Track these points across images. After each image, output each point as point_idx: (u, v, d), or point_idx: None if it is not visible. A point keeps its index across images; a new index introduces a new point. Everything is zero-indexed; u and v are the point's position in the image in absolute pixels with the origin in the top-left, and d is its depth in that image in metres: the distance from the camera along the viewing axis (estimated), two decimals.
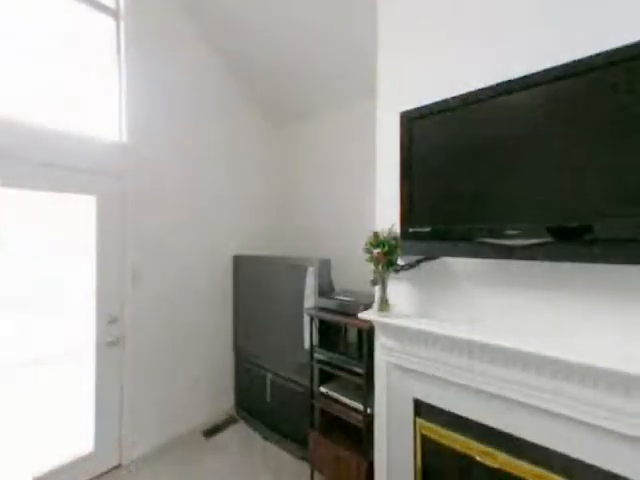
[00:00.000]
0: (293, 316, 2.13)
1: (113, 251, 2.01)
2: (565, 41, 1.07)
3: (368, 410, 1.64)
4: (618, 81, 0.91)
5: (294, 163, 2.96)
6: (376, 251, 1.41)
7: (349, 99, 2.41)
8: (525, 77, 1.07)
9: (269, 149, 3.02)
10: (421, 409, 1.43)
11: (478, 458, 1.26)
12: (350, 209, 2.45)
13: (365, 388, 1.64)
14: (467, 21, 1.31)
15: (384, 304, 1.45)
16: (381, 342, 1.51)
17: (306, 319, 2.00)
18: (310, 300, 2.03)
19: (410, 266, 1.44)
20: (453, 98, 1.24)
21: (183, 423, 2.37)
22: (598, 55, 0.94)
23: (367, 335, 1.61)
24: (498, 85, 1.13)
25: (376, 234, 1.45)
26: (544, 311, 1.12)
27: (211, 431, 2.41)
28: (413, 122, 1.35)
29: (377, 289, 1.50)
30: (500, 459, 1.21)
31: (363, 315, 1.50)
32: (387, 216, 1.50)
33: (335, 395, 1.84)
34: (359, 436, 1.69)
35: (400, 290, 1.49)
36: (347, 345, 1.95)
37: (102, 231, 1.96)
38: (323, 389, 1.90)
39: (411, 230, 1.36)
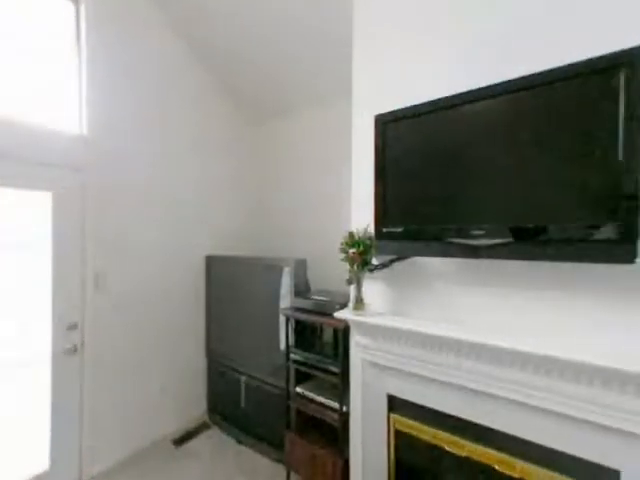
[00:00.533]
0: (268, 317, 2.10)
1: (72, 250, 1.86)
2: (541, 50, 1.11)
3: (344, 408, 1.65)
4: (571, 95, 0.99)
5: (270, 161, 2.92)
6: (351, 251, 1.43)
7: (327, 98, 2.40)
8: (490, 86, 1.13)
9: (244, 146, 2.94)
10: (394, 404, 1.47)
11: (447, 448, 1.32)
12: (326, 209, 2.46)
13: (341, 387, 1.65)
14: (449, 25, 1.33)
15: (359, 303, 1.47)
16: (356, 340, 1.54)
17: (282, 320, 1.98)
18: (286, 300, 2.02)
19: (384, 266, 1.47)
20: (425, 103, 1.28)
21: (151, 433, 2.25)
22: (551, 71, 1.01)
23: (343, 334, 1.62)
24: (467, 92, 1.18)
25: (351, 234, 1.47)
26: (527, 310, 1.15)
27: (182, 439, 2.31)
28: (387, 125, 1.38)
29: (352, 288, 1.52)
30: (467, 448, 1.27)
31: (339, 314, 1.51)
32: (362, 216, 1.52)
33: (311, 395, 1.84)
34: (335, 435, 1.70)
35: (375, 289, 1.52)
36: (323, 345, 1.96)
37: (59, 230, 1.81)
38: (299, 389, 1.90)
39: (385, 230, 1.39)
